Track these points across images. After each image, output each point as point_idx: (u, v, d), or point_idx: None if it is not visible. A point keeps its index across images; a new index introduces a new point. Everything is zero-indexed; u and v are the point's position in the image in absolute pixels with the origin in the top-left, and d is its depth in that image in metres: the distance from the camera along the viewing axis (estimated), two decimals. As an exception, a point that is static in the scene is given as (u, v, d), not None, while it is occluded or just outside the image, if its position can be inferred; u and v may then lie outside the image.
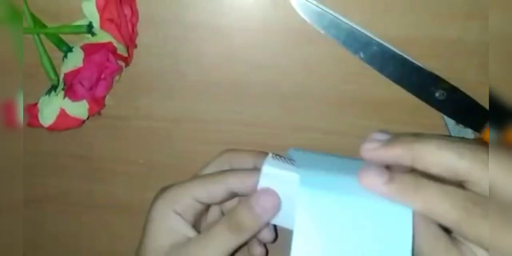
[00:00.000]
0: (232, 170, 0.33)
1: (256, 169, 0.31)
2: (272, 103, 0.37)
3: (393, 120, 0.37)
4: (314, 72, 0.36)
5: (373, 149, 0.27)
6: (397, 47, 0.35)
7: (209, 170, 0.35)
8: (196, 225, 0.33)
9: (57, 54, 0.35)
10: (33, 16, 0.35)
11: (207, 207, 0.33)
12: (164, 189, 0.33)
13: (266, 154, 0.34)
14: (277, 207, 0.30)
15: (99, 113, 0.36)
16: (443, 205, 0.25)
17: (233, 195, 0.32)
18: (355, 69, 0.36)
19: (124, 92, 0.37)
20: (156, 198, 0.33)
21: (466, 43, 0.35)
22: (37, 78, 0.36)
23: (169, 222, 0.31)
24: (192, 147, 0.38)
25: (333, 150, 0.37)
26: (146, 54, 0.36)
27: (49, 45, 0.35)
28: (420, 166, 0.26)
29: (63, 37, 0.36)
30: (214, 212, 0.35)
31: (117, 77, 0.36)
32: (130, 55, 0.35)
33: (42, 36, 0.35)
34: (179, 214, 0.31)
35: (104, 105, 0.37)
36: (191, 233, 0.31)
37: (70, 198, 0.40)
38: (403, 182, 0.26)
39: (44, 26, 0.35)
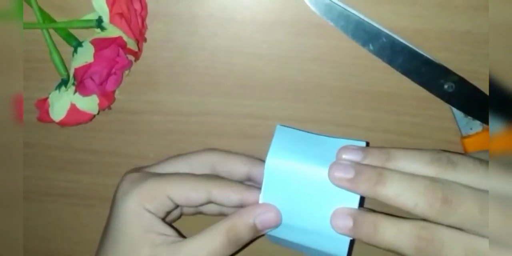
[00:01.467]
0: (218, 180, 0.32)
1: (243, 185, 0.31)
2: (281, 96, 0.37)
3: (401, 112, 0.37)
4: (323, 64, 0.36)
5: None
6: (406, 39, 0.35)
7: (185, 166, 0.34)
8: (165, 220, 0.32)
9: (65, 48, 0.35)
10: (41, 11, 0.34)
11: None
12: (133, 180, 0.32)
13: (260, 161, 0.33)
14: (278, 223, 0.30)
15: (109, 108, 0.37)
16: (404, 203, 0.27)
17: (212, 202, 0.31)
18: (364, 61, 0.36)
19: (133, 86, 0.37)
20: (125, 192, 0.31)
21: (475, 35, 0.35)
22: (46, 73, 0.36)
23: (145, 222, 0.30)
24: (202, 141, 0.38)
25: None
26: (155, 48, 0.36)
27: (57, 39, 0.35)
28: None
29: (72, 31, 0.35)
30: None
31: (126, 72, 0.36)
32: (140, 50, 0.35)
33: (51, 31, 0.35)
34: (153, 213, 0.30)
35: (114, 100, 0.37)
36: (169, 231, 0.30)
37: (80, 192, 0.41)
38: (366, 178, 0.28)
39: (53, 20, 0.35)
